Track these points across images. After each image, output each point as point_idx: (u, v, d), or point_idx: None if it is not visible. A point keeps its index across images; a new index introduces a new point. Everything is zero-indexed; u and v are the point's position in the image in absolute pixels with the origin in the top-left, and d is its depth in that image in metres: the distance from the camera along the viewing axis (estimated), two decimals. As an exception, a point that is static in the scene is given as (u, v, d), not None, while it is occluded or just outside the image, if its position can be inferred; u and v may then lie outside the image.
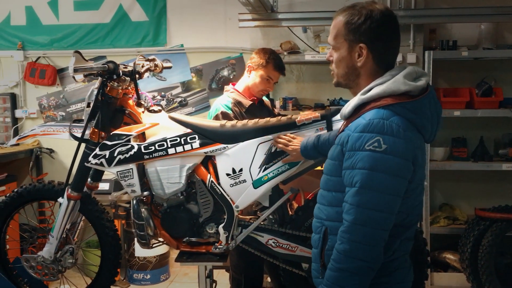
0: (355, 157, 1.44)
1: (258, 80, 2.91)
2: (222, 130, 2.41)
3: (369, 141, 1.42)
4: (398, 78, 1.50)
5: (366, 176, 1.41)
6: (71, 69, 2.19)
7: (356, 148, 1.44)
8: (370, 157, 1.41)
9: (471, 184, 4.09)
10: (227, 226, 2.41)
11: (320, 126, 2.29)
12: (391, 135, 1.41)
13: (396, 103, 1.46)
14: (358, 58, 1.54)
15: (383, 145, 1.40)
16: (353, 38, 1.53)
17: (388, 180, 1.41)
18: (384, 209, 1.42)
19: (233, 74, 4.25)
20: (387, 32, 1.53)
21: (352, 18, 1.53)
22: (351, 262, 1.44)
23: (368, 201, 1.42)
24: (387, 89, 1.48)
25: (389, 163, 1.40)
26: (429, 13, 3.71)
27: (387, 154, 1.40)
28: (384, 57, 1.55)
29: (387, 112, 1.45)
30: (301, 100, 4.15)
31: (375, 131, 1.42)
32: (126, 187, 2.44)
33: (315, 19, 3.81)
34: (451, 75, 3.97)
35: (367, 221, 1.42)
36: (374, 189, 1.41)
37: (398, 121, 1.43)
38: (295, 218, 2.44)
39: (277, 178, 2.33)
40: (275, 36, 4.16)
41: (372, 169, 1.41)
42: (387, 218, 1.43)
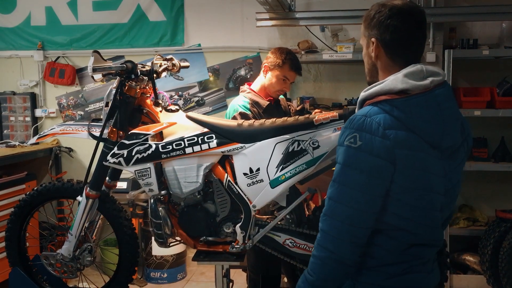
0: (338, 152, 1.49)
1: (274, 80, 2.89)
2: (239, 129, 2.40)
3: (347, 136, 1.44)
4: (398, 76, 1.47)
5: (339, 170, 1.45)
6: (90, 68, 2.21)
7: (340, 143, 1.49)
8: (345, 152, 1.44)
9: (491, 185, 4.03)
10: (244, 226, 2.40)
11: (338, 126, 2.27)
12: (368, 132, 1.41)
13: (385, 100, 1.45)
14: (372, 52, 1.55)
15: (358, 141, 1.41)
16: (367, 33, 1.57)
17: (358, 176, 1.42)
18: (353, 205, 1.43)
19: (250, 74, 4.24)
20: (395, 23, 1.49)
21: (368, 14, 1.56)
22: (322, 251, 1.48)
23: (337, 194, 1.45)
24: (384, 86, 1.47)
25: (361, 160, 1.41)
26: (449, 11, 3.65)
27: (361, 151, 1.41)
28: (396, 51, 1.52)
29: (373, 109, 1.45)
30: (318, 99, 4.13)
31: (354, 127, 1.44)
32: (144, 186, 2.45)
33: (333, 18, 3.79)
34: (471, 74, 3.91)
35: (334, 214, 1.46)
36: (344, 184, 1.44)
37: (380, 119, 1.42)
38: (312, 218, 2.42)
39: (295, 178, 2.31)
40: (292, 35, 4.14)
41: (345, 164, 1.44)
42: (358, 216, 1.44)
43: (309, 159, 2.28)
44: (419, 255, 1.54)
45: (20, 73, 4.62)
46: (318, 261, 1.50)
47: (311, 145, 2.28)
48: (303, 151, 2.29)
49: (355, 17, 3.73)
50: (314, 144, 2.28)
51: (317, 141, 2.27)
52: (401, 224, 1.48)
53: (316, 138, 2.28)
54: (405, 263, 1.52)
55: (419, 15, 1.53)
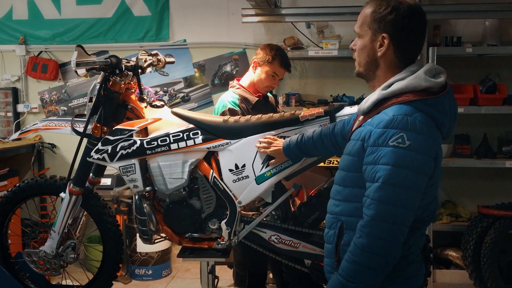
0: (378, 153, 1.45)
1: (263, 76, 2.89)
2: (225, 125, 2.40)
3: (393, 137, 1.42)
4: (419, 74, 1.50)
5: (390, 172, 1.42)
6: (74, 63, 2.18)
7: (379, 143, 1.45)
8: (394, 153, 1.42)
9: (474, 181, 4.08)
10: (230, 222, 2.40)
11: (324, 122, 2.28)
12: (414, 132, 1.42)
13: (418, 100, 1.47)
14: (380, 47, 1.54)
15: (406, 141, 1.41)
16: (377, 27, 1.54)
17: (411, 177, 1.42)
18: (405, 205, 1.43)
19: (236, 70, 4.23)
20: (411, 26, 1.52)
21: (380, 7, 1.53)
22: (369, 256, 1.45)
23: (390, 196, 1.42)
24: (409, 84, 1.48)
25: (413, 160, 1.41)
26: (434, 9, 3.68)
27: (411, 150, 1.41)
28: (405, 51, 1.55)
29: (410, 108, 1.45)
30: (304, 96, 4.13)
31: (399, 127, 1.42)
32: (129, 182, 2.43)
33: (318, 15, 3.79)
34: (455, 72, 3.94)
35: (387, 217, 1.43)
36: (397, 185, 1.42)
37: (421, 118, 1.44)
38: (298, 214, 2.43)
39: (280, 174, 2.31)
40: (278, 31, 4.14)
41: (395, 165, 1.41)
42: (407, 214, 1.45)
43: (295, 155, 2.28)
44: (419, 244, 1.61)
45: (2, 67, 4.54)
46: (361, 267, 1.47)
47: (297, 141, 2.27)
48: (287, 148, 2.28)
49: (341, 14, 3.75)
50: (300, 140, 2.27)
51: (302, 137, 2.27)
52: (422, 215, 1.53)
53: (302, 134, 2.28)
54: (411, 254, 1.57)
55: (425, 16, 1.57)
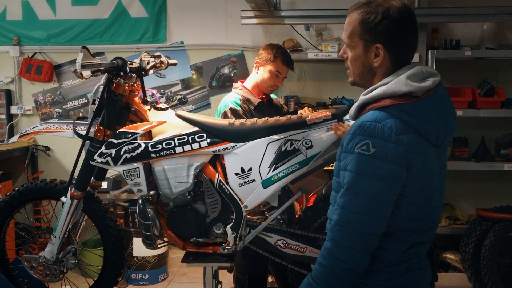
0: (346, 159, 1.44)
1: (267, 75, 2.87)
2: (231, 128, 2.37)
3: (358, 143, 1.40)
4: (400, 78, 1.45)
5: (352, 178, 1.41)
6: (79, 65, 2.13)
7: (348, 150, 1.43)
8: (358, 160, 1.40)
9: (472, 184, 4.09)
10: (235, 227, 2.37)
11: (331, 125, 2.26)
12: (381, 139, 1.38)
13: (393, 105, 1.42)
14: (375, 58, 1.49)
15: (371, 148, 1.38)
16: (369, 38, 1.48)
17: (373, 184, 1.39)
18: (367, 212, 1.40)
19: (234, 72, 4.20)
20: (404, 30, 1.47)
21: (368, 16, 1.46)
22: (332, 260, 1.45)
23: (351, 203, 1.41)
24: (388, 89, 1.44)
25: (376, 168, 1.38)
26: (433, 12, 3.69)
27: (375, 158, 1.38)
28: (399, 55, 1.50)
29: (382, 114, 1.41)
30: (302, 98, 4.12)
31: (365, 133, 1.40)
32: (132, 186, 2.38)
33: (318, 17, 3.78)
34: (453, 75, 3.96)
35: (348, 223, 1.42)
36: (358, 193, 1.40)
37: (391, 124, 1.39)
38: (304, 219, 2.41)
39: (287, 178, 2.29)
40: (277, 33, 4.12)
41: (358, 172, 1.40)
42: (371, 223, 1.41)
43: (302, 158, 2.27)
44: (418, 252, 1.56)
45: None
46: (327, 270, 1.47)
47: (304, 144, 2.26)
48: (296, 151, 2.27)
49: (340, 17, 3.73)
50: (307, 143, 2.26)
51: (310, 140, 2.26)
52: (408, 225, 1.48)
53: (309, 137, 2.26)
54: (407, 262, 1.52)
55: (414, 15, 1.51)
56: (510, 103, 3.74)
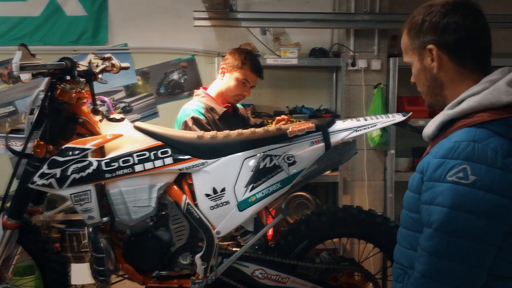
0: (433, 190, 1.15)
1: (233, 83, 2.57)
2: (200, 142, 2.05)
3: (452, 169, 1.12)
4: (499, 85, 1.18)
5: (446, 215, 1.12)
6: (17, 66, 1.73)
7: (435, 178, 1.15)
8: (452, 191, 1.11)
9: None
10: (206, 256, 2.05)
11: (316, 138, 2.01)
12: (483, 163, 1.10)
13: (495, 120, 1.15)
14: (432, 63, 1.27)
15: (470, 176, 1.10)
16: (419, 44, 1.29)
17: (474, 223, 1.10)
18: (466, 261, 1.11)
19: (184, 78, 3.86)
20: (455, 19, 1.24)
21: (411, 24, 1.31)
22: None
23: (444, 248, 1.12)
24: (484, 100, 1.18)
25: (479, 201, 1.10)
26: (395, 18, 3.56)
27: (476, 188, 1.10)
28: (463, 53, 1.26)
29: (481, 132, 1.14)
30: (258, 107, 3.85)
31: (461, 157, 1.12)
32: (82, 212, 1.99)
33: (276, 20, 3.54)
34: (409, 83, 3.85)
35: (440, 275, 1.13)
36: (455, 234, 1.11)
37: (495, 145, 1.12)
38: (283, 244, 2.13)
39: (267, 199, 2.01)
40: (230, 37, 3.83)
41: (453, 207, 1.11)
42: (470, 274, 1.12)
43: (284, 176, 1.99)
44: None
45: None
46: None
47: (286, 160, 1.99)
48: (276, 168, 2.00)
49: (299, 20, 3.53)
50: (289, 159, 1.99)
51: (292, 156, 1.99)
52: (510, 271, 1.19)
53: (291, 152, 2.00)
54: None
55: (476, 6, 1.28)
56: (469, 112, 3.69)
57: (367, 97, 3.62)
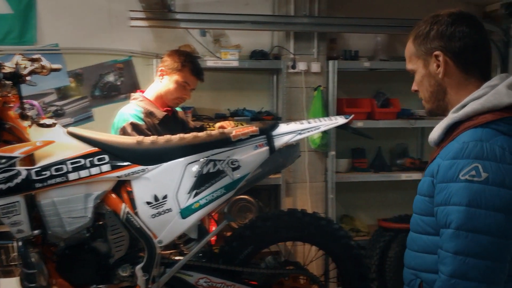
0: (447, 190, 1.19)
1: (172, 86, 2.49)
2: (140, 148, 1.96)
3: (464, 169, 1.17)
4: (499, 89, 1.25)
5: (464, 214, 1.16)
6: None
7: (448, 179, 1.20)
8: (467, 190, 1.16)
9: (370, 194, 4.10)
10: (147, 267, 1.96)
11: (260, 142, 1.98)
12: (493, 161, 1.16)
13: (499, 119, 1.21)
14: (437, 69, 1.33)
15: (483, 173, 1.15)
16: (425, 50, 1.35)
17: (493, 218, 1.14)
18: (489, 255, 1.15)
19: (121, 80, 3.71)
20: (461, 28, 1.31)
21: (418, 31, 1.37)
22: None
23: (467, 246, 1.15)
24: (486, 103, 1.24)
25: (494, 196, 1.15)
26: (333, 21, 3.62)
27: (490, 184, 1.15)
28: (468, 60, 1.32)
29: (487, 132, 1.20)
30: (199, 109, 3.77)
31: (471, 156, 1.18)
32: (11, 226, 1.85)
33: (216, 22, 3.49)
34: (350, 86, 3.94)
35: (468, 273, 1.15)
36: (477, 231, 1.15)
37: (502, 142, 1.18)
38: (228, 250, 2.08)
39: (211, 205, 1.95)
40: (168, 38, 3.72)
41: (470, 204, 1.16)
42: (495, 268, 1.15)
43: (228, 181, 1.95)
44: None
45: None
46: None
47: (230, 165, 1.95)
48: (220, 173, 1.95)
49: (239, 22, 3.51)
50: (233, 164, 1.95)
51: (236, 160, 1.95)
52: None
53: (235, 157, 1.96)
54: None
55: (478, 19, 1.37)
56: (404, 113, 3.81)
57: (307, 99, 3.64)
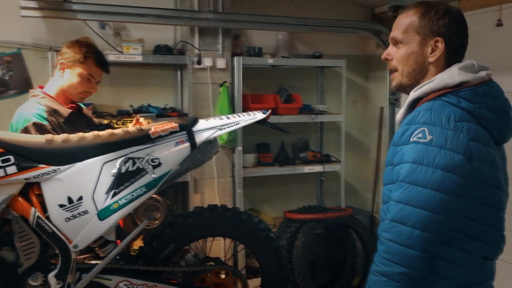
0: (401, 152, 1.33)
1: (76, 80, 2.32)
2: (50, 147, 1.82)
3: (413, 132, 1.31)
4: (452, 70, 1.39)
5: (409, 169, 1.29)
6: None
7: (401, 142, 1.34)
8: (414, 149, 1.30)
9: (275, 187, 4.22)
10: (61, 274, 1.83)
11: (181, 138, 1.94)
12: (438, 126, 1.29)
13: (449, 92, 1.35)
14: (432, 53, 1.43)
15: (428, 135, 1.29)
16: (429, 31, 1.42)
17: (433, 174, 1.27)
18: (427, 206, 1.26)
19: (10, 75, 3.39)
20: (463, 29, 1.45)
21: (430, 10, 1.43)
22: (386, 264, 1.30)
23: (409, 195, 1.28)
24: (440, 81, 1.37)
25: (435, 155, 1.28)
26: (237, 18, 3.65)
27: (432, 145, 1.28)
28: (456, 55, 1.45)
29: (437, 103, 1.34)
30: (99, 106, 3.59)
31: (420, 121, 1.31)
32: None
33: (117, 14, 3.34)
34: (253, 82, 4.01)
35: (406, 218, 1.27)
36: (417, 183, 1.28)
37: (449, 111, 1.31)
38: (148, 251, 2.02)
39: (132, 205, 1.87)
40: (64, 30, 3.49)
41: (415, 161, 1.29)
42: (432, 219, 1.26)
43: (150, 180, 1.89)
44: (491, 271, 1.43)
45: None
46: (382, 279, 1.29)
47: (151, 162, 1.89)
48: (140, 171, 1.88)
49: (140, 15, 3.39)
50: (153, 161, 1.89)
51: (157, 157, 1.90)
52: (473, 231, 1.34)
53: (156, 154, 1.90)
54: (479, 284, 1.38)
55: None
56: (305, 109, 3.98)
57: (213, 95, 3.64)
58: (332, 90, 4.31)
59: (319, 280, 3.93)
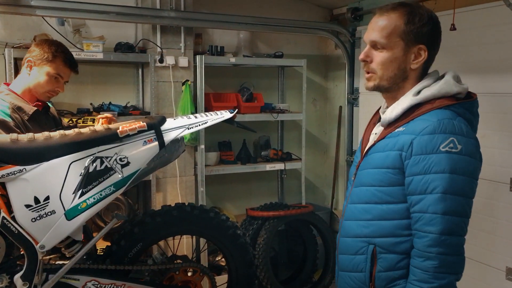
0: (428, 161, 1.36)
1: (43, 78, 2.29)
2: (15, 146, 1.79)
3: (443, 142, 1.36)
4: (448, 79, 1.46)
5: (448, 180, 1.35)
6: None
7: (428, 151, 1.37)
8: (449, 159, 1.35)
9: (237, 185, 4.26)
10: (28, 275, 1.81)
11: (149, 138, 1.95)
12: (462, 135, 1.38)
13: (457, 104, 1.43)
14: (415, 59, 1.47)
15: (458, 145, 1.36)
16: (414, 39, 1.45)
17: (468, 183, 1.37)
18: (465, 213, 1.38)
19: (-36, 72, 3.28)
20: (440, 36, 1.51)
21: (414, 17, 1.45)
22: (442, 278, 1.34)
23: (454, 207, 1.35)
24: (441, 89, 1.44)
25: (468, 165, 1.37)
26: (198, 17, 3.65)
27: (463, 155, 1.36)
28: (431, 62, 1.53)
29: (449, 113, 1.41)
30: (58, 104, 3.50)
31: (447, 131, 1.37)
32: None
33: (77, 11, 3.28)
34: (215, 81, 4.03)
35: (454, 230, 1.35)
36: (458, 194, 1.35)
37: (462, 122, 1.41)
38: (116, 250, 2.02)
39: (100, 204, 1.86)
40: (21, 26, 3.40)
41: (453, 171, 1.35)
42: (467, 223, 1.38)
43: (118, 179, 1.89)
44: None
45: None
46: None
47: (119, 161, 1.89)
48: (109, 170, 1.88)
49: (100, 12, 3.35)
50: (122, 160, 1.90)
51: (125, 156, 1.90)
52: None
53: (124, 153, 1.90)
54: None
55: None
56: (267, 107, 4.04)
57: (176, 94, 3.64)
58: (292, 89, 4.39)
59: (281, 276, 4.00)
